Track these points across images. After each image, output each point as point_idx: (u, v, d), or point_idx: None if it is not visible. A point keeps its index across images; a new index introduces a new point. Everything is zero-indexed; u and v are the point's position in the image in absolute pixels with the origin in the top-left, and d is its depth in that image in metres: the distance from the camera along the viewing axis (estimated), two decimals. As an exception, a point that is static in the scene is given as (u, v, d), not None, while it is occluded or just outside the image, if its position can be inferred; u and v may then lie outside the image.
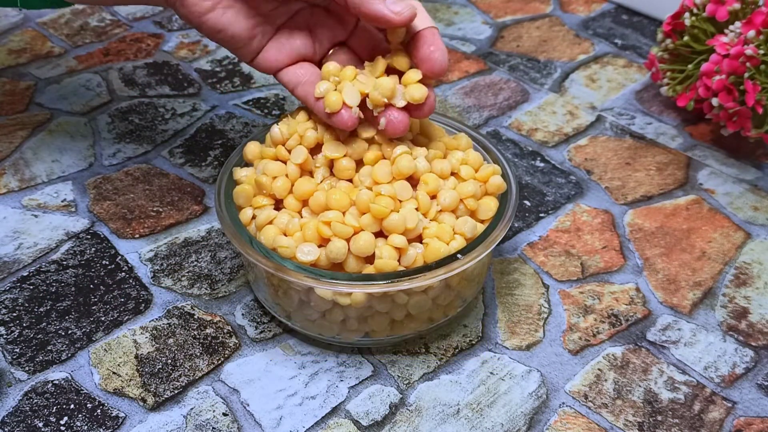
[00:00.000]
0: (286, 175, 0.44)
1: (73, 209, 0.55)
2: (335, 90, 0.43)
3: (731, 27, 0.57)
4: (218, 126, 0.63)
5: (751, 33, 0.55)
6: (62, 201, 0.56)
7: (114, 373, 0.45)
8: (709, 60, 0.57)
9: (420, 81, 0.43)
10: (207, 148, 0.60)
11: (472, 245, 0.43)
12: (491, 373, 0.45)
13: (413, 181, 0.44)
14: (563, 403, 0.44)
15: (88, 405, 0.43)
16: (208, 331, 0.47)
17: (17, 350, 0.46)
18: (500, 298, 0.50)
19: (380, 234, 0.42)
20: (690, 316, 0.49)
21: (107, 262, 0.51)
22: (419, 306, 0.44)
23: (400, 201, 0.43)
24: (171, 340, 0.46)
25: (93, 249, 0.52)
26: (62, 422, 0.42)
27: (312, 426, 0.42)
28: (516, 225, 0.55)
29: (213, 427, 0.42)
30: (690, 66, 0.61)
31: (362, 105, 0.43)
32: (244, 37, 0.44)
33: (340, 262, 0.42)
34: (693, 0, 0.61)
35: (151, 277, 0.50)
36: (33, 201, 0.56)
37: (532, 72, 0.70)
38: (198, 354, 0.46)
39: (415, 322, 0.45)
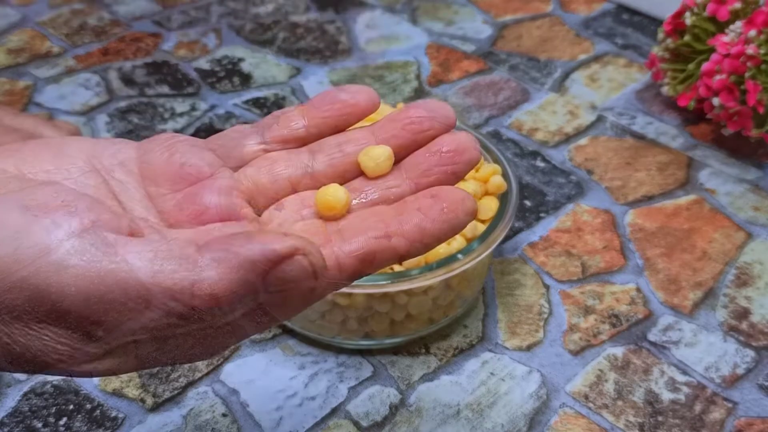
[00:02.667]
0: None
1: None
2: None
3: (732, 26, 0.57)
4: (217, 126, 0.62)
5: (752, 32, 0.55)
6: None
7: (113, 373, 0.45)
8: (710, 59, 0.57)
9: None
10: (206, 147, 0.60)
11: (472, 245, 0.43)
12: (491, 373, 0.45)
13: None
14: (564, 403, 0.44)
15: (87, 406, 0.43)
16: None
17: (16, 351, 0.46)
18: (501, 298, 0.50)
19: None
20: (691, 317, 0.49)
21: (106, 262, 0.51)
22: (419, 306, 0.44)
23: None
24: (170, 341, 0.46)
25: (92, 249, 0.52)
26: (61, 423, 0.42)
27: (312, 427, 0.42)
28: (516, 225, 0.55)
29: (212, 428, 0.42)
30: (691, 65, 0.61)
31: None
32: None
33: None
34: (694, -1, 0.61)
35: (151, 278, 0.50)
36: (32, 201, 0.55)
37: (532, 71, 0.69)
38: (197, 354, 0.46)
39: (415, 322, 0.45)
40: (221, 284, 0.21)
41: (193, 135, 0.61)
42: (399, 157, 0.28)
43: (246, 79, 0.68)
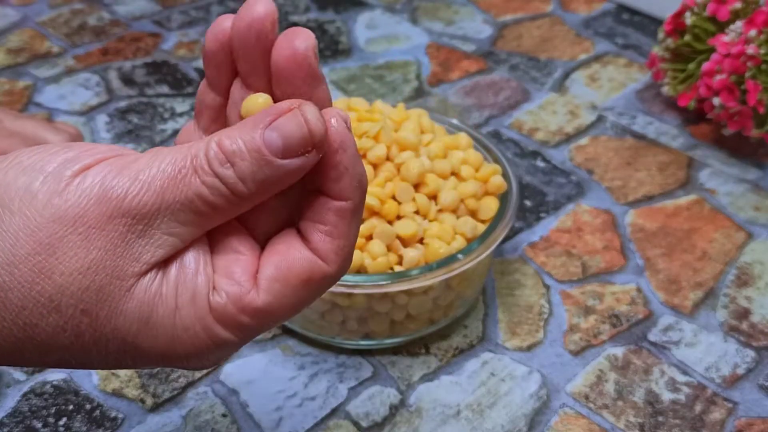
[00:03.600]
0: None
1: (71, 209, 0.55)
2: None
3: (732, 26, 0.57)
4: (218, 125, 0.62)
5: (753, 32, 0.55)
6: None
7: (113, 374, 0.45)
8: (710, 59, 0.57)
9: None
10: (206, 147, 0.60)
11: (472, 245, 0.43)
12: (492, 374, 0.45)
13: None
14: (564, 404, 0.44)
15: (87, 406, 0.43)
16: (207, 331, 0.47)
17: (15, 351, 0.46)
18: (501, 298, 0.50)
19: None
20: (691, 317, 0.49)
21: (106, 263, 0.51)
22: (419, 306, 0.43)
23: (400, 204, 0.43)
24: (170, 341, 0.46)
25: (92, 249, 0.52)
26: (61, 423, 0.42)
27: (312, 427, 0.42)
28: (517, 225, 0.55)
29: (212, 428, 0.42)
30: (691, 65, 0.61)
31: None
32: None
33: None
34: (694, -1, 0.61)
35: (150, 278, 0.50)
36: (31, 201, 0.55)
37: (532, 71, 0.69)
38: (197, 355, 0.46)
39: (415, 322, 0.45)
40: (224, 138, 0.24)
41: (193, 135, 0.61)
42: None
43: (246, 79, 0.67)
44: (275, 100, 0.26)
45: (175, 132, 0.62)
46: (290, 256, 0.25)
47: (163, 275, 0.24)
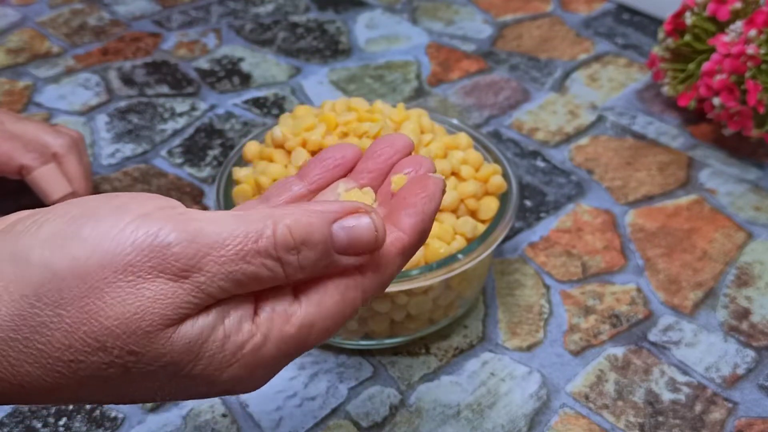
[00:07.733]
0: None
1: (71, 209, 0.55)
2: None
3: (732, 26, 0.57)
4: (217, 125, 0.62)
5: (753, 32, 0.55)
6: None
7: (113, 373, 0.45)
8: (710, 59, 0.57)
9: None
10: (206, 147, 0.60)
11: (472, 245, 0.43)
12: (492, 374, 0.45)
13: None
14: (564, 404, 0.44)
15: (87, 406, 0.43)
16: (207, 331, 0.47)
17: (15, 351, 0.45)
18: (501, 298, 0.50)
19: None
20: (691, 317, 0.49)
21: (106, 263, 0.51)
22: (419, 306, 0.43)
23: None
24: (170, 341, 0.46)
25: (92, 249, 0.52)
26: (60, 423, 0.42)
27: (312, 427, 0.42)
28: (517, 225, 0.55)
29: (212, 429, 0.42)
30: (691, 65, 0.61)
31: None
32: None
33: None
34: (694, -1, 0.61)
35: (150, 278, 0.50)
36: (31, 201, 0.55)
37: (532, 71, 0.69)
38: (197, 355, 0.46)
39: (415, 322, 0.45)
40: (296, 224, 0.24)
41: (193, 135, 0.61)
42: (377, 186, 0.31)
43: (246, 79, 0.68)
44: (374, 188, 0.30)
45: (175, 132, 0.62)
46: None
47: (207, 314, 0.25)
